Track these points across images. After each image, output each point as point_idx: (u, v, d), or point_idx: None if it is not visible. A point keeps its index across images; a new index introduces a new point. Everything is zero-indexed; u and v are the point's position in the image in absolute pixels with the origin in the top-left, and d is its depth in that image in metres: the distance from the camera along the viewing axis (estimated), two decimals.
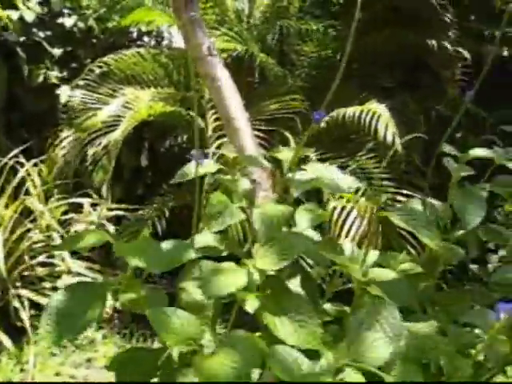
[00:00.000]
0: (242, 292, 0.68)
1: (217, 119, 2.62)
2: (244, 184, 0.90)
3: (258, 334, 0.71)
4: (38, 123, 3.63)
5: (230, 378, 0.58)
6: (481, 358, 0.69)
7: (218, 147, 2.68)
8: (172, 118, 3.07)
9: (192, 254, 0.76)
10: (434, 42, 2.85)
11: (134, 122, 2.69)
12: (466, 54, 2.90)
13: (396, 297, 0.77)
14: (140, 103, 2.84)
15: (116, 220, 3.39)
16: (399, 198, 2.41)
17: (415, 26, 2.84)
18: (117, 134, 2.57)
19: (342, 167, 2.43)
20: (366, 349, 0.64)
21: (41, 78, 3.40)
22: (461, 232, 1.04)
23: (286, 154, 0.88)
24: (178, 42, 4.22)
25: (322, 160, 2.27)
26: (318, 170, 0.85)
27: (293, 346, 0.67)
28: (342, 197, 2.01)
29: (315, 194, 2.06)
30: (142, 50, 3.27)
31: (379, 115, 2.32)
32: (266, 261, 0.70)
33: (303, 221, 0.82)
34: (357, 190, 2.38)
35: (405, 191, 2.34)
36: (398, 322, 0.69)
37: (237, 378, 0.59)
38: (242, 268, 0.71)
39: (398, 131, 2.28)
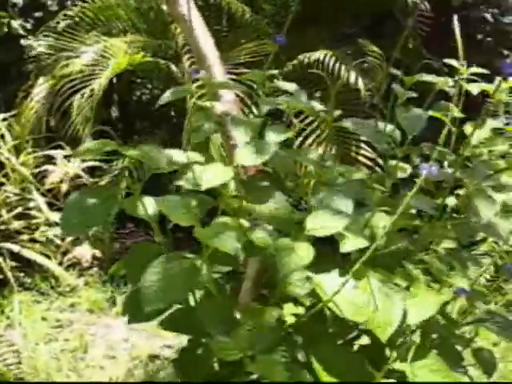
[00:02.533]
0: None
1: (193, 63, 2.73)
2: (219, 105, 1.08)
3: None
4: (3, 77, 3.62)
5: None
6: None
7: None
8: (149, 67, 3.15)
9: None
10: None
11: (115, 71, 2.76)
12: (426, 4, 3.07)
13: (348, 191, 0.97)
14: (118, 52, 2.89)
15: (90, 171, 3.50)
16: None
17: None
18: (102, 81, 2.63)
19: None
20: (326, 219, 0.84)
21: (4, 29, 3.39)
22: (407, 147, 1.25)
23: (257, 76, 1.05)
24: None
25: None
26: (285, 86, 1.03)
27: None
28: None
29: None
30: None
31: (342, 59, 2.51)
32: (245, 159, 0.88)
33: (272, 134, 1.00)
34: None
35: None
36: (349, 203, 0.89)
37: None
38: (227, 166, 0.90)
39: (360, 75, 2.47)
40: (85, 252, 3.31)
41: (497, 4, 3.96)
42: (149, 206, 0.92)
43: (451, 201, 1.15)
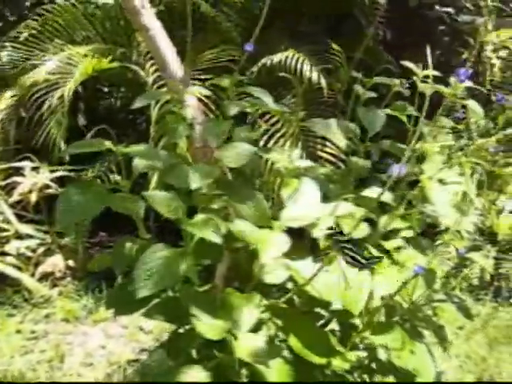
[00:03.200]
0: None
1: (156, 70, 2.79)
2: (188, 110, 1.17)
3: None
4: None
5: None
6: None
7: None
8: (114, 74, 3.18)
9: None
10: None
11: (83, 76, 2.78)
12: (383, 2, 3.23)
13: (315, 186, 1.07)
14: (83, 59, 2.91)
15: (60, 181, 3.49)
16: None
17: None
18: (71, 85, 2.64)
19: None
20: (299, 211, 0.93)
21: None
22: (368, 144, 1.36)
23: (226, 81, 1.14)
24: None
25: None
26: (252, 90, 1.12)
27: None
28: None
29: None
30: (69, 4, 3.28)
31: (304, 59, 2.62)
32: (230, 161, 0.97)
33: (239, 135, 1.09)
34: None
35: None
36: (317, 197, 0.98)
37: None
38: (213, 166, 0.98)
39: (322, 74, 2.58)
40: (58, 262, 3.30)
41: (451, 4, 4.16)
42: (136, 202, 0.99)
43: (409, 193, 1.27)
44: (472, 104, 1.38)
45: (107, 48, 3.20)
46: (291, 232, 1.00)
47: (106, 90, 3.80)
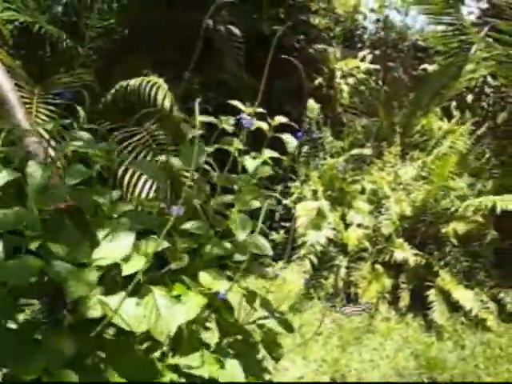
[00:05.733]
0: None
1: None
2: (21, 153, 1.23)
3: None
4: None
5: None
6: None
7: None
8: None
9: None
10: (210, 21, 3.38)
11: None
12: (237, 32, 3.51)
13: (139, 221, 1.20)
14: None
15: None
16: None
17: (194, 8, 3.32)
18: None
19: (133, 135, 2.83)
20: (110, 250, 1.05)
21: None
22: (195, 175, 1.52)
23: (48, 126, 1.22)
24: None
25: (112, 130, 2.60)
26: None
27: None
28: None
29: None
30: None
31: (158, 86, 2.75)
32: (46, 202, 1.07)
33: (72, 176, 1.19)
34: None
35: None
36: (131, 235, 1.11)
37: None
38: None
39: (175, 100, 2.74)
40: None
41: (303, 32, 4.60)
42: None
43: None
44: (285, 137, 1.61)
45: None
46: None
47: None
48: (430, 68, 4.88)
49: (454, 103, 4.64)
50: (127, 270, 1.03)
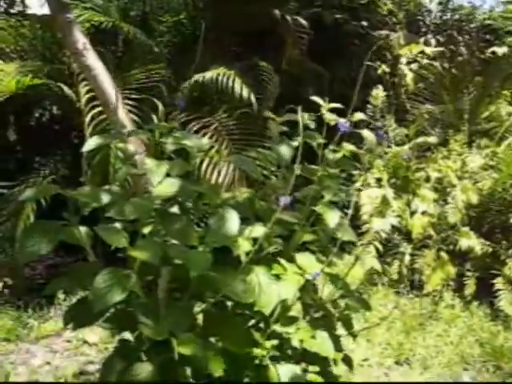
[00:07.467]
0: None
1: (89, 91, 2.99)
2: (130, 150, 1.44)
3: None
4: None
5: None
6: None
7: (92, 118, 3.08)
8: (41, 91, 3.33)
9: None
10: (277, 12, 3.53)
11: (5, 94, 2.91)
12: (303, 22, 3.63)
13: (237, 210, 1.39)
14: (6, 77, 3.04)
15: None
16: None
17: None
18: None
19: (205, 126, 3.03)
20: (221, 233, 1.24)
21: None
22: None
23: (162, 127, 1.42)
24: (32, 5, 4.32)
25: (187, 122, 2.82)
26: (183, 135, 1.41)
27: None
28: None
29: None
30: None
31: (234, 77, 2.93)
32: (163, 191, 1.26)
33: (175, 170, 1.38)
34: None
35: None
36: (236, 220, 1.29)
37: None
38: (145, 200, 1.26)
39: (251, 89, 2.91)
40: None
41: (365, 18, 4.65)
42: (83, 233, 1.26)
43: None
44: (366, 133, 1.75)
45: (34, 65, 3.34)
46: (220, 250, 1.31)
47: (37, 104, 3.91)
48: (500, 51, 4.78)
49: None
50: (237, 251, 1.22)
